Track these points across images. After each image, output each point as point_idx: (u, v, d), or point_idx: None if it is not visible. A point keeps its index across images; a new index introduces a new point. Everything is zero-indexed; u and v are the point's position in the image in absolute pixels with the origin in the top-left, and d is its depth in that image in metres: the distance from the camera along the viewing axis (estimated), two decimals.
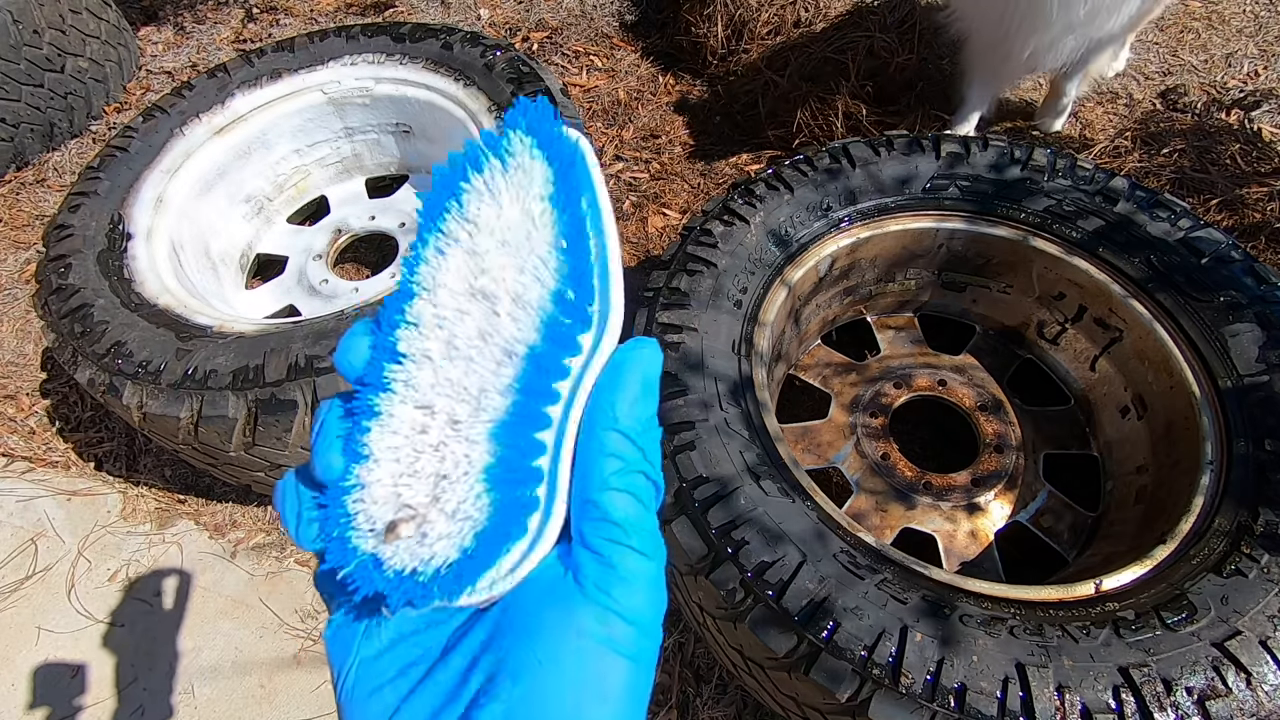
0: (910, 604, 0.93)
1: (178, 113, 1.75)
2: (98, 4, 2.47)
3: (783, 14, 2.22)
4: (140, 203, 1.61)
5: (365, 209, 2.01)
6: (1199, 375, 1.19)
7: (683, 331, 1.21)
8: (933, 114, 2.11)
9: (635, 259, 2.02)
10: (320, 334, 1.28)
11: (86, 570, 1.61)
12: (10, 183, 2.37)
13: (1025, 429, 1.46)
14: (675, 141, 2.26)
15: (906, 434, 1.62)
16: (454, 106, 1.72)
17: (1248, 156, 1.93)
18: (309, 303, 1.80)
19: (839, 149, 1.43)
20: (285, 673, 1.45)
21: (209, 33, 2.82)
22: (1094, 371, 1.44)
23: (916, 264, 1.52)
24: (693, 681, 1.38)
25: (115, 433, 1.81)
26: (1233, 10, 2.43)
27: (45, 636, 1.52)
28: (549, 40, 2.56)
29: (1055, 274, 1.39)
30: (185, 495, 1.71)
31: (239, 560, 1.61)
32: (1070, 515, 1.36)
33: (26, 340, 2.01)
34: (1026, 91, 2.28)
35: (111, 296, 1.41)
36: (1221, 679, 0.85)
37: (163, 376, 1.27)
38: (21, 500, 1.71)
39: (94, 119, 2.53)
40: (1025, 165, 1.39)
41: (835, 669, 0.89)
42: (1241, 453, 1.08)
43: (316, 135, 1.93)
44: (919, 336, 1.62)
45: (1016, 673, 0.87)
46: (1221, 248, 1.25)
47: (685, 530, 1.02)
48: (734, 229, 1.33)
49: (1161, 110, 2.16)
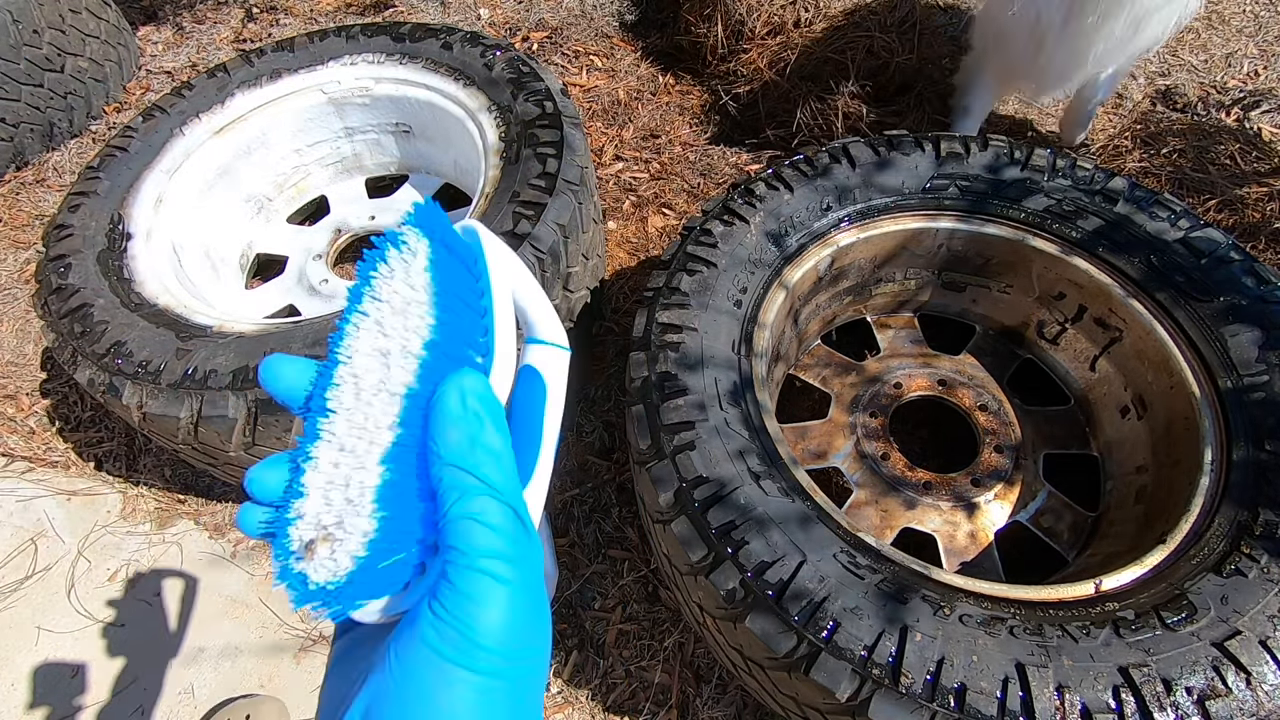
0: (910, 604, 0.93)
1: (178, 113, 1.75)
2: (98, 4, 2.47)
3: (782, 14, 2.22)
4: (140, 203, 1.61)
5: (365, 209, 2.01)
6: (1199, 375, 1.19)
7: (682, 331, 1.21)
8: (932, 114, 2.11)
9: (635, 259, 2.02)
10: (320, 334, 1.28)
11: (86, 570, 1.61)
12: (10, 183, 2.37)
13: (1025, 429, 1.46)
14: (675, 141, 2.26)
15: (906, 434, 1.62)
16: (454, 106, 1.72)
17: (1247, 156, 1.93)
18: (309, 303, 1.80)
19: (839, 149, 1.43)
20: (285, 673, 1.45)
21: (209, 33, 2.82)
22: (1094, 371, 1.44)
23: (916, 264, 1.52)
24: (693, 681, 1.39)
25: (115, 433, 1.81)
26: (1233, 10, 2.43)
27: (45, 636, 1.52)
28: (549, 40, 2.56)
29: (1055, 274, 1.39)
30: (185, 495, 1.71)
31: (239, 560, 1.61)
32: (1070, 515, 1.36)
33: (26, 340, 2.01)
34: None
35: (111, 296, 1.41)
36: (1221, 679, 0.85)
37: (163, 376, 1.27)
38: (21, 500, 1.71)
39: (94, 119, 2.53)
40: (1025, 165, 1.39)
41: (835, 669, 0.89)
42: (1241, 453, 1.08)
43: (316, 135, 1.93)
44: (919, 336, 1.62)
45: (1016, 673, 0.87)
46: (1221, 248, 1.25)
47: (685, 530, 1.02)
48: (734, 229, 1.33)
49: (1161, 110, 2.16)
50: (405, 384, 0.34)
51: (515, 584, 0.29)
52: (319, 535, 0.33)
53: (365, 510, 0.33)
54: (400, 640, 0.29)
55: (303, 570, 0.34)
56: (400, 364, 0.35)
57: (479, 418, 0.32)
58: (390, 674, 0.28)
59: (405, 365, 0.35)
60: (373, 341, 0.36)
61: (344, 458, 0.34)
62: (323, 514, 0.34)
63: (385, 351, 0.35)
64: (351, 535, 0.33)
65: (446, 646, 0.28)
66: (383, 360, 0.35)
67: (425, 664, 0.28)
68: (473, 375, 0.33)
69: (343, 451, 0.35)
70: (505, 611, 0.29)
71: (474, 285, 0.36)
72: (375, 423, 0.34)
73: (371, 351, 0.35)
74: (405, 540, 0.32)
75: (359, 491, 0.33)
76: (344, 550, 0.33)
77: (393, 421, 0.34)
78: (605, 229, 2.04)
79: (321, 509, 0.34)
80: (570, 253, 1.43)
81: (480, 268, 0.36)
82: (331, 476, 0.34)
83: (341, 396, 0.36)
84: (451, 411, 0.32)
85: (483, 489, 0.30)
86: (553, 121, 1.54)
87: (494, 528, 0.30)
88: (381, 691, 0.28)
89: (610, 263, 2.01)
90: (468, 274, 0.36)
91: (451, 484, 0.30)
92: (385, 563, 0.32)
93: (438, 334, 0.35)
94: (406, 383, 0.34)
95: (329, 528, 0.33)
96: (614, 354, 1.83)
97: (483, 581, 0.29)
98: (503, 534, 0.30)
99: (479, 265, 0.36)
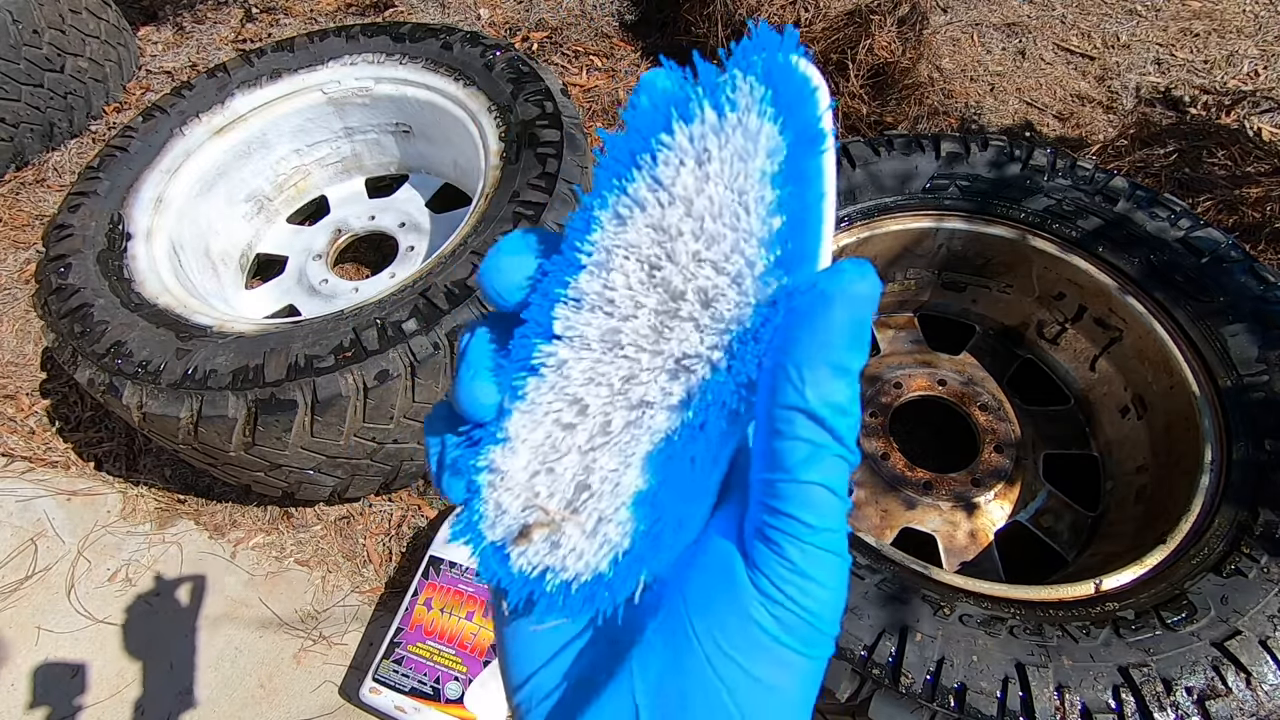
0: (910, 604, 0.93)
1: (177, 113, 1.75)
2: (98, 4, 2.47)
3: (782, 14, 2.22)
4: (140, 203, 1.61)
5: (365, 209, 2.01)
6: (1199, 375, 1.19)
7: None
8: (933, 114, 2.11)
9: None
10: (320, 334, 1.28)
11: (86, 570, 1.61)
12: (10, 183, 2.37)
13: (1025, 429, 1.46)
14: None
15: (906, 434, 1.62)
16: (454, 106, 1.72)
17: (1247, 156, 1.93)
18: (309, 303, 1.80)
19: (839, 149, 1.43)
20: (285, 673, 1.45)
21: (209, 33, 2.82)
22: (1094, 371, 1.44)
23: (916, 263, 1.52)
24: None
25: (115, 433, 1.81)
26: (1233, 10, 2.43)
27: (45, 636, 1.52)
28: (549, 40, 2.56)
29: (1055, 274, 1.39)
30: (185, 495, 1.71)
31: (239, 560, 1.61)
32: (1070, 515, 1.36)
33: (26, 340, 2.01)
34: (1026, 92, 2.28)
35: (111, 296, 1.41)
36: (1221, 679, 0.85)
37: (163, 376, 1.27)
38: (21, 500, 1.71)
39: (94, 119, 2.53)
40: (1025, 165, 1.39)
41: (835, 669, 0.89)
42: (1241, 453, 1.08)
43: (316, 135, 1.93)
44: (919, 336, 1.62)
45: (1016, 673, 0.87)
46: (1221, 247, 1.25)
47: None
48: None
49: (1161, 110, 2.16)
50: (706, 359, 0.24)
51: (846, 560, 0.25)
52: (537, 520, 0.26)
53: (614, 515, 0.25)
54: (709, 618, 0.25)
55: (503, 546, 0.27)
56: (697, 317, 0.24)
57: (861, 349, 0.23)
58: (696, 658, 0.24)
59: (705, 324, 0.24)
60: (650, 260, 0.24)
61: (583, 422, 0.25)
62: (540, 485, 0.26)
63: (675, 291, 0.24)
64: (590, 538, 0.25)
65: (789, 636, 0.24)
66: (669, 301, 0.24)
67: (755, 649, 0.24)
68: (866, 278, 0.22)
69: (581, 410, 0.25)
70: (836, 591, 0.25)
71: (812, 213, 0.23)
72: (639, 394, 0.25)
73: (646, 277, 0.24)
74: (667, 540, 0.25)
75: (605, 483, 0.25)
76: (570, 548, 0.26)
77: (675, 404, 0.24)
78: None
79: (538, 477, 0.26)
80: None
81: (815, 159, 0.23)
82: (559, 440, 0.25)
83: (584, 321, 0.25)
84: (837, 333, 0.22)
85: (839, 449, 0.24)
86: (553, 121, 1.54)
87: (844, 501, 0.24)
88: (681, 679, 0.25)
89: None
90: (808, 194, 0.23)
91: (807, 437, 0.23)
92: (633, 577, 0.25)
93: (776, 262, 0.23)
94: (710, 358, 0.24)
95: (550, 511, 0.26)
96: None
97: (829, 562, 0.24)
98: (842, 504, 0.24)
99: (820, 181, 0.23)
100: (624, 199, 0.24)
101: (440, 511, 1.63)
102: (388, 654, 1.34)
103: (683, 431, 0.25)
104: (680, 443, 0.25)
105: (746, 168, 0.23)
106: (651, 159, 0.24)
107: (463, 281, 1.31)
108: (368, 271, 2.06)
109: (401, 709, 1.29)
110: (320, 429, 1.27)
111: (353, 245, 2.02)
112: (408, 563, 1.56)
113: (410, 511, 1.63)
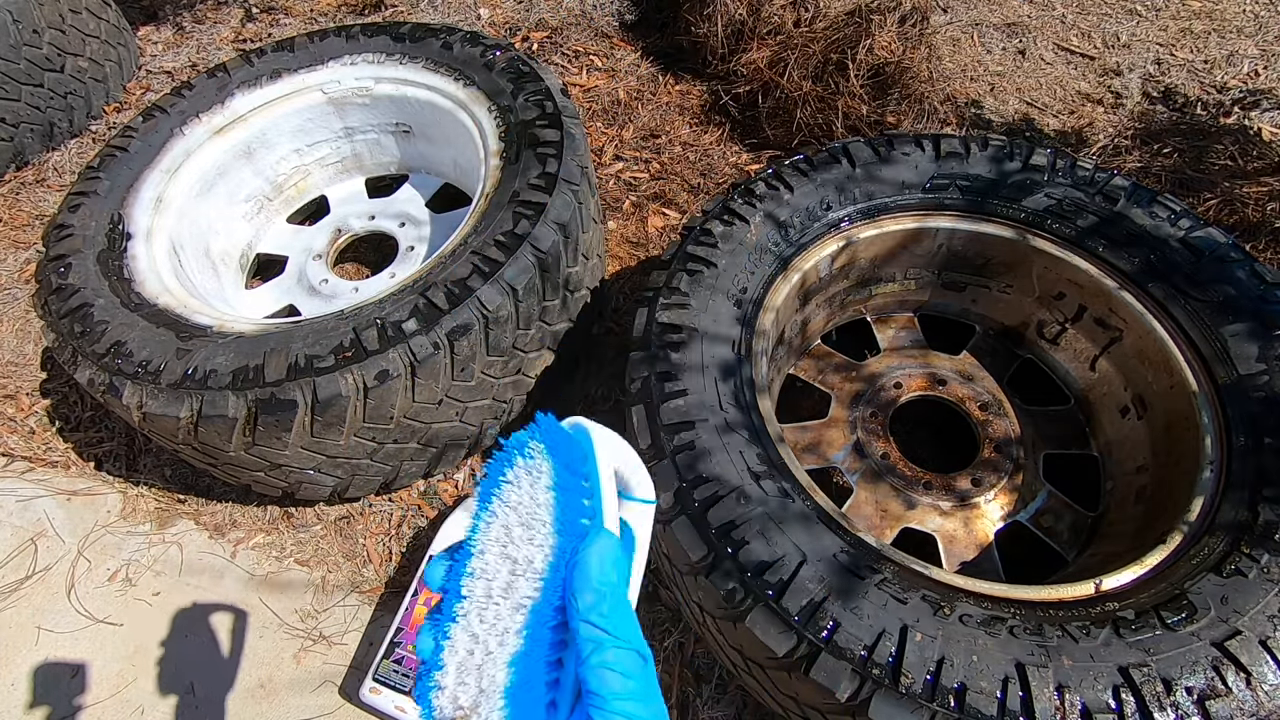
0: (910, 604, 0.93)
1: (178, 112, 1.75)
2: (98, 4, 2.47)
3: (783, 14, 2.22)
4: (140, 202, 1.61)
5: (365, 209, 2.01)
6: (1199, 374, 1.19)
7: (683, 331, 1.21)
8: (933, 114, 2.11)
9: (635, 259, 2.02)
10: (320, 334, 1.28)
11: (86, 570, 1.61)
12: (10, 183, 2.37)
13: (1025, 429, 1.46)
14: (675, 141, 2.26)
15: (906, 434, 1.62)
16: (454, 106, 1.72)
17: (1247, 156, 1.93)
18: (309, 302, 1.80)
19: (839, 149, 1.43)
20: (285, 673, 1.45)
21: (209, 32, 2.82)
22: (1094, 371, 1.44)
23: (916, 263, 1.52)
24: (693, 681, 1.38)
25: (115, 433, 1.81)
26: (1233, 10, 2.43)
27: (45, 636, 1.52)
28: (549, 40, 2.56)
29: (1055, 274, 1.39)
30: (185, 495, 1.71)
31: (239, 560, 1.61)
32: (1070, 515, 1.36)
33: (26, 340, 2.01)
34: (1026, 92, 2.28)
35: (111, 296, 1.41)
36: (1221, 679, 0.85)
37: (163, 376, 1.27)
38: (21, 500, 1.71)
39: (94, 119, 2.53)
40: (1025, 165, 1.39)
41: (835, 669, 0.89)
42: (1241, 452, 1.08)
43: (316, 135, 1.93)
44: (919, 336, 1.62)
45: (1016, 673, 0.87)
46: (1221, 247, 1.25)
47: (685, 530, 1.02)
48: (734, 229, 1.33)
49: (1161, 110, 2.16)
50: (530, 597, 0.41)
51: (647, 716, 0.35)
52: (460, 714, 0.40)
53: (496, 704, 0.39)
54: None
55: None
56: (524, 574, 0.41)
57: (610, 580, 0.38)
58: None
59: (529, 577, 0.41)
60: (501, 547, 0.42)
61: (477, 647, 0.40)
62: (460, 694, 0.40)
63: (512, 559, 0.42)
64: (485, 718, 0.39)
65: None
66: (511, 567, 0.41)
67: None
68: (608, 540, 0.39)
69: (475, 641, 0.41)
70: None
71: (584, 477, 0.43)
72: (504, 625, 0.40)
73: (501, 557, 0.42)
74: None
75: (491, 683, 0.39)
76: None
77: (519, 628, 0.40)
78: (605, 229, 2.03)
79: (458, 689, 0.40)
80: (570, 252, 1.43)
81: (590, 467, 0.43)
82: (465, 662, 0.40)
83: (475, 587, 0.42)
84: (592, 576, 0.38)
85: (614, 640, 0.36)
86: (553, 121, 1.54)
87: (627, 673, 0.35)
88: None
89: (610, 262, 2.01)
90: (581, 478, 0.43)
91: (588, 637, 0.36)
92: None
93: (558, 534, 0.41)
94: (531, 597, 0.41)
95: (466, 709, 0.40)
96: (614, 354, 1.83)
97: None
98: (634, 676, 0.36)
99: (588, 465, 0.43)
100: (488, 512, 0.43)
101: (440, 511, 1.63)
102: (388, 654, 1.34)
103: (528, 644, 0.40)
104: (529, 650, 0.40)
105: (536, 485, 0.42)
106: (498, 487, 0.43)
107: (463, 281, 1.31)
108: (368, 271, 2.06)
109: (401, 709, 1.29)
110: (320, 429, 1.27)
111: (353, 245, 2.02)
112: (408, 563, 1.56)
113: (410, 511, 1.63)
